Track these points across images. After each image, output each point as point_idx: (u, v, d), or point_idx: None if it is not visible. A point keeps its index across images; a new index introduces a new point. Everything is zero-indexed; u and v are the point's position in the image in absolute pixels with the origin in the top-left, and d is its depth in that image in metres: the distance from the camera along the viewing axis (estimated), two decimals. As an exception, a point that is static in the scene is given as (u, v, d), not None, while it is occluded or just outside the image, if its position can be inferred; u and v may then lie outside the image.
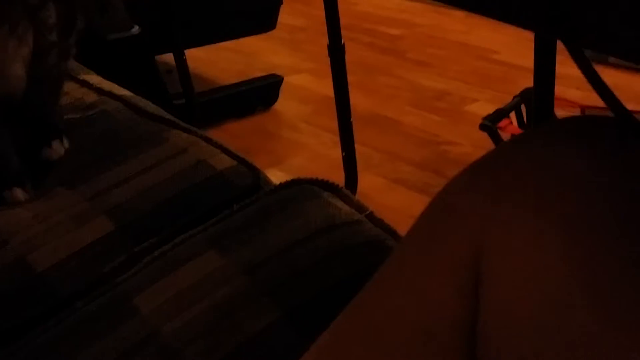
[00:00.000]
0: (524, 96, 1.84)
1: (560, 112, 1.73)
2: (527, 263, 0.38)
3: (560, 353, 0.36)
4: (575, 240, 0.37)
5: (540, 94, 1.22)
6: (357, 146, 1.66)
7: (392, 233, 0.77)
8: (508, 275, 0.39)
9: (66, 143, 0.97)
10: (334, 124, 1.66)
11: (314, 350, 0.50)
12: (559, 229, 0.38)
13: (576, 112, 1.78)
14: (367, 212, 0.80)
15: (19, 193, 0.89)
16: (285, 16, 2.33)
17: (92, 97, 1.08)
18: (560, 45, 1.11)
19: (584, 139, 0.41)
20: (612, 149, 0.40)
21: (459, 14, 2.99)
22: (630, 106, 0.46)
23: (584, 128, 0.42)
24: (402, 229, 0.82)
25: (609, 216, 0.37)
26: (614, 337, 0.35)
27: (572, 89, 2.15)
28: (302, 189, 0.83)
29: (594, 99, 0.41)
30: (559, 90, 1.21)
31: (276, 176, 0.97)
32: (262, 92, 2.31)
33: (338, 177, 1.61)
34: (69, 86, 1.09)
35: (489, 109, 1.86)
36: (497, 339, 0.39)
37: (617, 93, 0.43)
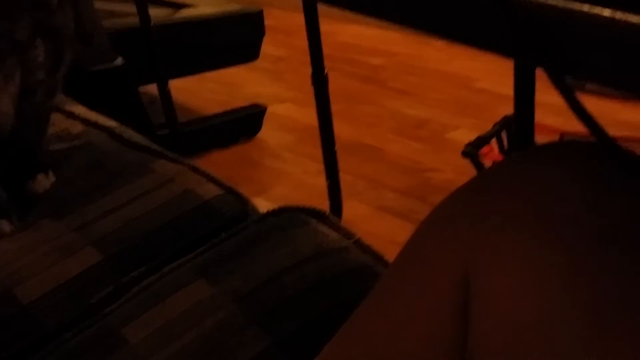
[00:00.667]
0: (505, 123, 1.87)
1: (539, 138, 1.75)
2: (516, 279, 0.39)
3: None
4: (564, 254, 0.38)
5: (521, 120, 1.24)
6: (340, 174, 1.67)
7: (380, 259, 0.78)
8: (497, 293, 0.40)
9: (52, 176, 0.97)
10: (318, 153, 1.67)
11: None
12: (546, 245, 0.39)
13: (555, 138, 1.81)
14: (355, 239, 0.80)
15: (5, 225, 0.88)
16: (267, 47, 2.35)
17: (78, 127, 1.08)
18: (538, 73, 1.14)
19: (567, 161, 0.42)
20: (594, 169, 0.41)
21: (439, 43, 3.04)
22: (610, 133, 0.47)
23: (566, 151, 0.44)
24: (387, 255, 0.83)
25: (595, 230, 0.38)
26: (605, 350, 0.35)
27: (551, 116, 2.19)
28: (290, 216, 0.84)
29: (573, 125, 0.43)
30: (538, 116, 1.23)
31: (261, 205, 0.97)
32: (246, 122, 2.32)
33: (322, 205, 1.61)
34: (55, 117, 1.09)
35: (470, 136, 1.88)
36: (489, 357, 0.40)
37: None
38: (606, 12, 0.33)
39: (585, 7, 0.33)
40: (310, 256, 0.76)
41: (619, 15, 0.32)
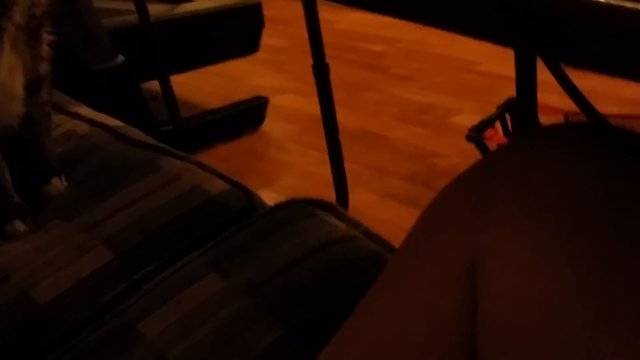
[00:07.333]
0: (508, 105, 1.87)
1: (544, 119, 1.75)
2: (520, 261, 0.40)
3: (555, 354, 0.37)
4: (567, 239, 0.39)
5: (523, 102, 1.24)
6: (345, 163, 1.67)
7: (388, 247, 0.79)
8: (502, 276, 0.40)
9: (64, 180, 0.98)
10: (322, 142, 1.68)
11: None
12: (550, 230, 0.39)
13: (559, 118, 1.80)
14: (362, 228, 0.81)
15: (19, 225, 0.90)
16: (267, 38, 2.35)
17: (83, 128, 1.09)
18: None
19: (566, 144, 0.43)
20: (593, 151, 0.42)
21: (439, 27, 3.01)
22: (612, 110, 0.47)
23: (565, 134, 0.44)
24: (395, 242, 0.84)
25: (595, 210, 0.39)
26: (609, 335, 0.36)
27: (554, 95, 2.18)
28: (297, 208, 0.85)
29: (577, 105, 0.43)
30: (542, 97, 1.23)
31: (268, 197, 0.98)
32: (249, 114, 2.33)
33: (328, 194, 1.62)
34: (60, 119, 1.10)
35: (474, 119, 1.88)
36: (495, 346, 0.40)
37: (599, 98, 0.45)
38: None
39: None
40: (319, 246, 0.77)
41: (615, 0, 0.33)
